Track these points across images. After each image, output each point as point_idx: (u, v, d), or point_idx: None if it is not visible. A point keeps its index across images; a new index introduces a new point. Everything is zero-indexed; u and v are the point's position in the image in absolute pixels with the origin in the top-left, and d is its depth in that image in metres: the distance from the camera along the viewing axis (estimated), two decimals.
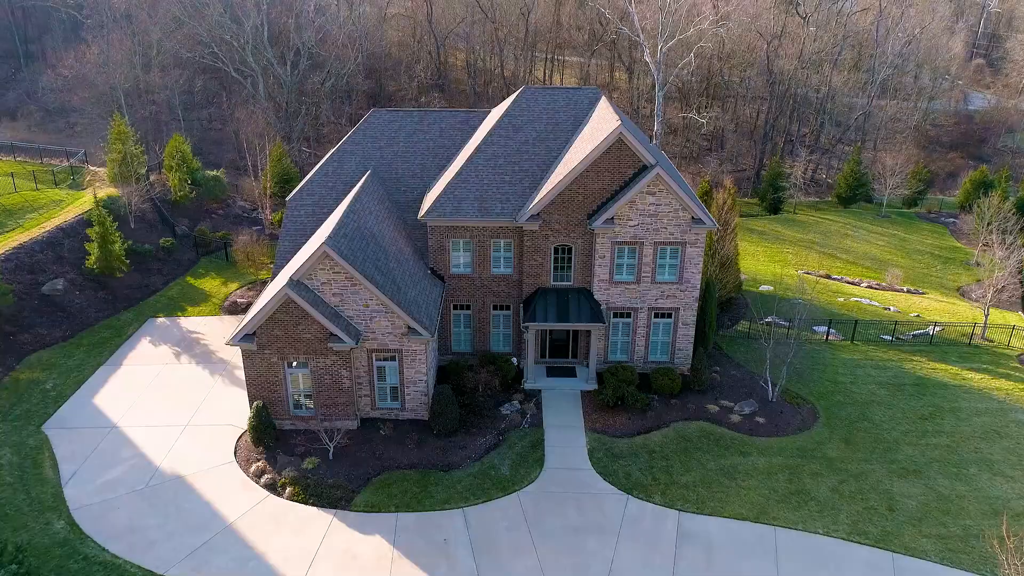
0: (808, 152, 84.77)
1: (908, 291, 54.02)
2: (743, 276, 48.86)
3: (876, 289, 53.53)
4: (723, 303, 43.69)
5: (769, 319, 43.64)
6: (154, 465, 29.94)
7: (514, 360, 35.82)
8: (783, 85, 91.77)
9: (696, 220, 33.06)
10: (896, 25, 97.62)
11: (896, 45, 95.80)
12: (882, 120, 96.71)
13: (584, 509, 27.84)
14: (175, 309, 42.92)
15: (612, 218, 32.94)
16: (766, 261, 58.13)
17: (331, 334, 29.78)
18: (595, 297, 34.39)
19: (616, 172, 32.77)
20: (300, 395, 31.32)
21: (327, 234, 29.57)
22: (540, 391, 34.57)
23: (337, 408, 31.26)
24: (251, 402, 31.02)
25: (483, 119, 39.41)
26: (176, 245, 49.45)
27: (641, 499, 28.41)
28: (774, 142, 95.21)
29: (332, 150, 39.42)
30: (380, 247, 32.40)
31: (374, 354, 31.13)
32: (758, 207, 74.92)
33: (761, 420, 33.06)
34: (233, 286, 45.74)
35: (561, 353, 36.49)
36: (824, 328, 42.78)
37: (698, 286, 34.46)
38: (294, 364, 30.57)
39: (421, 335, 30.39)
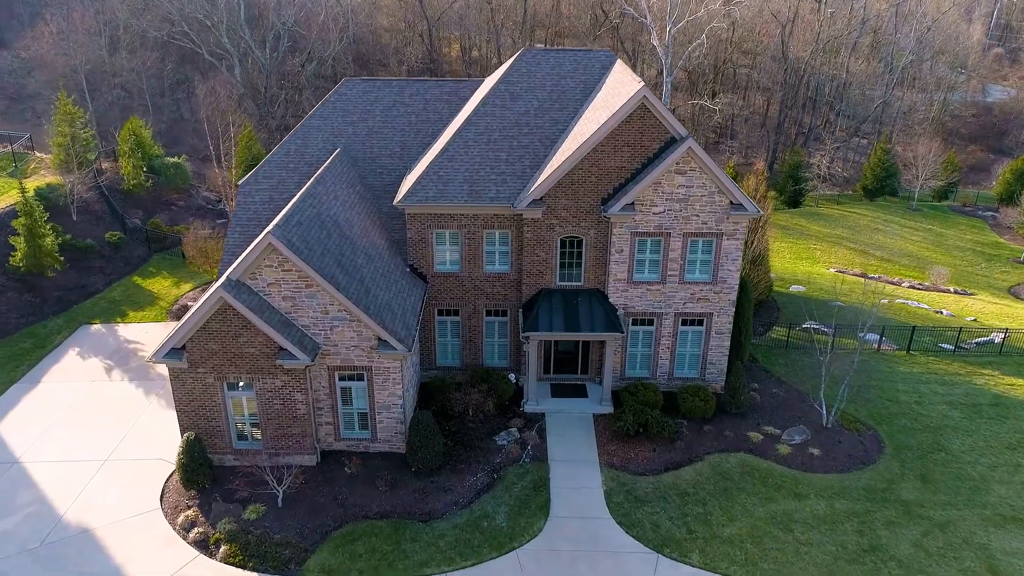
0: (830, 142, 78.63)
1: (955, 292, 47.96)
2: (771, 275, 42.80)
3: (920, 290, 47.46)
4: (755, 306, 37.49)
5: (808, 325, 37.52)
6: (57, 514, 23.69)
7: (512, 377, 29.62)
8: (798, 73, 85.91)
9: (735, 206, 26.89)
10: (916, 9, 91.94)
11: (913, 33, 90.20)
12: (899, 111, 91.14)
13: (602, 574, 21.66)
14: (114, 314, 36.63)
15: (632, 203, 26.76)
16: (792, 258, 52.05)
17: (280, 348, 23.57)
18: (610, 300, 28.20)
19: (637, 146, 26.59)
20: (245, 423, 25.11)
21: (276, 221, 23.38)
22: (543, 415, 28.36)
23: (291, 440, 25.05)
24: (182, 433, 24.81)
25: (476, 89, 33.21)
26: (125, 240, 43.16)
27: (675, 560, 22.22)
28: (787, 133, 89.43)
29: (297, 125, 33.24)
30: (346, 239, 26.19)
31: (336, 372, 24.92)
32: (776, 200, 68.83)
33: (815, 451, 26.89)
34: (186, 287, 39.48)
35: (568, 368, 30.29)
36: (874, 336, 36.62)
37: (736, 287, 28.30)
38: (240, 385, 24.34)
39: (395, 349, 24.17)
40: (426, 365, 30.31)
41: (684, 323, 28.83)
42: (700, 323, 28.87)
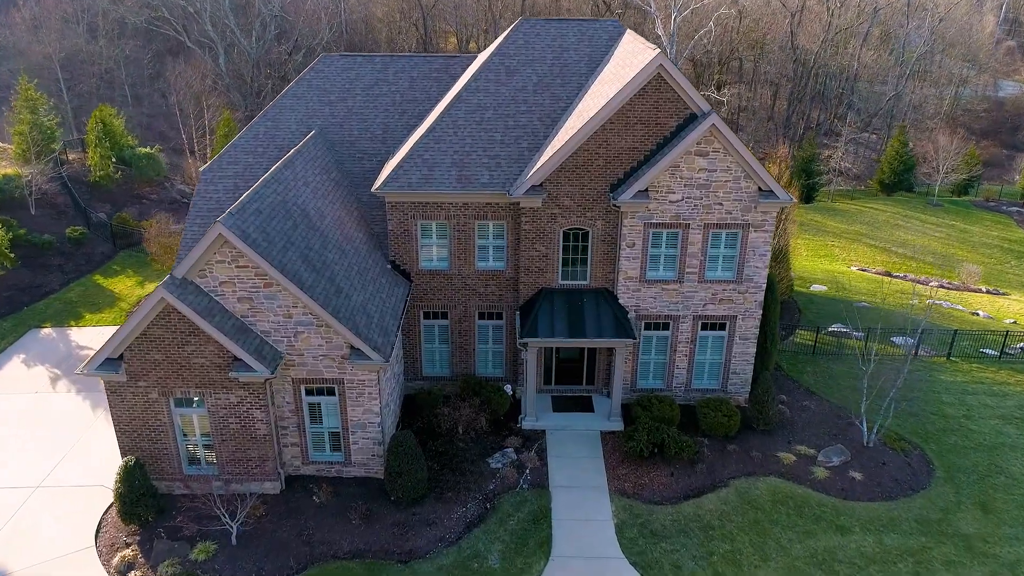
0: (846, 133, 75.21)
1: (988, 292, 44.50)
2: (791, 274, 39.34)
3: (949, 289, 43.97)
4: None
5: (836, 328, 34.02)
6: None
7: (507, 388, 26.10)
8: (807, 65, 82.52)
9: (764, 193, 23.38)
10: (927, 1, 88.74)
11: (928, 23, 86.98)
12: (910, 105, 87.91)
13: None
14: (68, 316, 33.08)
15: (646, 190, 23.25)
16: (810, 256, 48.56)
17: (235, 358, 20.04)
18: (620, 302, 24.69)
19: (652, 124, 23.06)
20: (197, 445, 21.57)
21: (230, 209, 19.84)
22: (544, 433, 24.83)
23: (250, 464, 21.51)
24: (123, 456, 21.29)
25: (468, 66, 29.68)
26: (88, 236, 39.64)
27: None
28: (795, 127, 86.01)
29: (267, 106, 29.73)
30: (316, 232, 22.66)
31: (303, 386, 21.39)
32: None
33: (857, 475, 23.36)
34: (151, 287, 35.90)
35: (572, 378, 26.76)
36: (907, 340, 33.08)
37: (763, 286, 24.79)
38: (195, 401, 20.81)
39: (370, 359, 20.63)
40: (411, 375, 26.77)
41: (704, 327, 25.31)
42: (722, 327, 25.35)
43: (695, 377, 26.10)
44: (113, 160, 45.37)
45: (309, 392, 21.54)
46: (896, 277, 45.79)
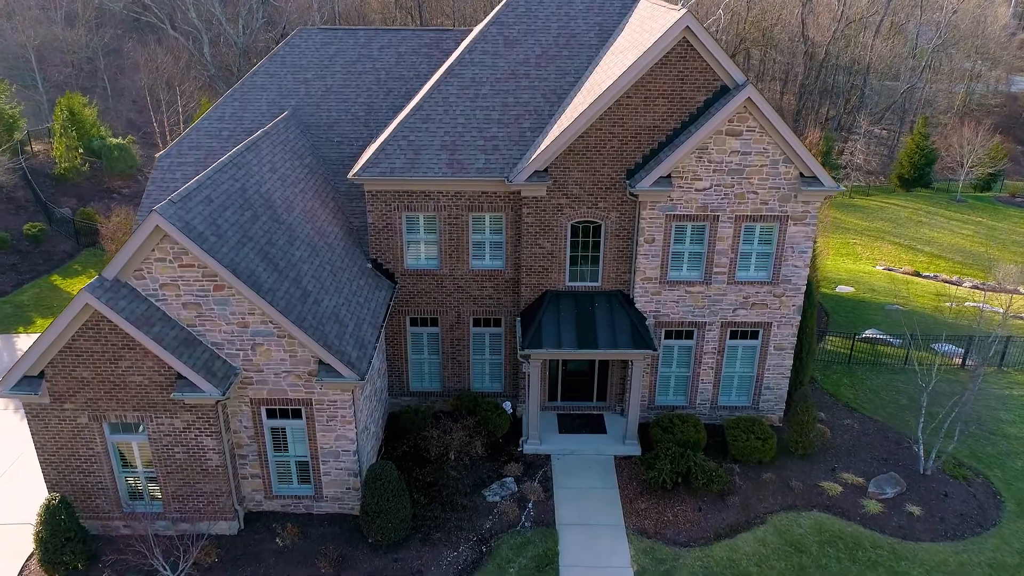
0: (866, 125, 71.87)
1: None
2: (816, 274, 36.02)
3: (984, 290, 40.59)
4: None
5: (871, 334, 30.69)
6: None
7: (506, 406, 22.71)
8: (817, 58, 79.29)
9: (807, 179, 20.01)
10: None
11: (944, 15, 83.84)
12: (923, 100, 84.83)
13: None
14: (17, 322, 29.67)
15: (668, 176, 19.88)
16: (832, 254, 45.09)
17: (179, 376, 16.66)
18: (637, 306, 21.32)
19: (676, 98, 19.68)
20: (139, 478, 18.19)
21: (172, 196, 16.46)
22: (549, 458, 21.45)
23: (202, 500, 18.12)
24: (50, 491, 17.91)
25: (463, 40, 26.33)
26: (48, 233, 36.29)
27: None
28: (804, 121, 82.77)
29: (235, 85, 26.38)
30: (281, 225, 19.28)
31: (263, 407, 18.00)
32: None
33: (915, 510, 19.97)
34: None
35: (581, 393, 23.38)
36: (948, 348, 29.78)
37: (802, 288, 21.42)
38: (134, 427, 17.42)
39: (342, 377, 17.23)
40: (396, 390, 23.38)
41: (734, 336, 21.94)
42: (754, 335, 21.98)
43: (722, 393, 22.74)
44: (80, 151, 41.98)
45: (271, 415, 18.15)
46: (926, 277, 42.51)
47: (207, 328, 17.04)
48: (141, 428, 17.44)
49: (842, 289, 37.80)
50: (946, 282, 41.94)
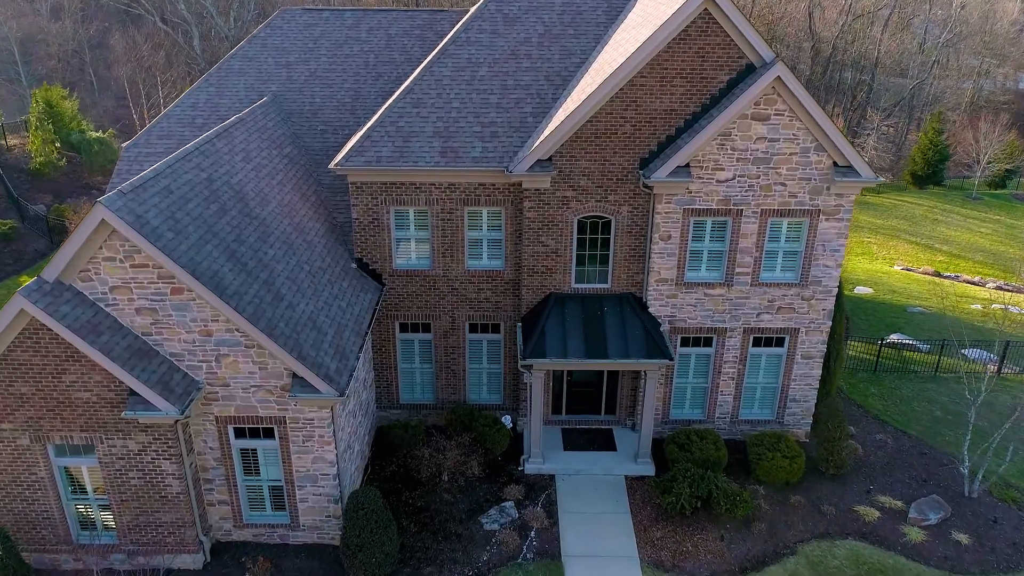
0: (879, 120, 69.85)
1: None
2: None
3: (1010, 291, 38.55)
4: None
5: (897, 338, 28.64)
6: None
7: (506, 420, 20.63)
8: (824, 53, 77.30)
9: (842, 169, 17.94)
10: None
11: (955, 9, 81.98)
12: (931, 96, 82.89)
13: None
14: None
15: (686, 165, 17.81)
16: (847, 253, 43.14)
17: (132, 392, 14.58)
18: (651, 311, 19.24)
19: (696, 77, 17.61)
20: (90, 506, 16.10)
21: (122, 186, 14.38)
22: (553, 479, 19.36)
23: (160, 531, 16.03)
24: None
25: (458, 22, 24.26)
26: (19, 231, 34.23)
27: None
28: None
29: (211, 70, 24.29)
30: (253, 221, 17.20)
31: (231, 426, 15.91)
32: None
33: (963, 538, 17.89)
34: None
35: (588, 406, 21.28)
36: (980, 354, 27.73)
37: (833, 291, 19.34)
38: (83, 449, 15.32)
39: (319, 392, 15.14)
40: (385, 403, 21.29)
41: (757, 343, 19.86)
42: (780, 343, 19.90)
43: (744, 406, 20.66)
44: (58, 145, 39.90)
45: (240, 434, 16.05)
46: (947, 278, 40.47)
47: (165, 337, 14.94)
48: (92, 450, 15.35)
49: (860, 290, 35.76)
50: (968, 282, 39.91)
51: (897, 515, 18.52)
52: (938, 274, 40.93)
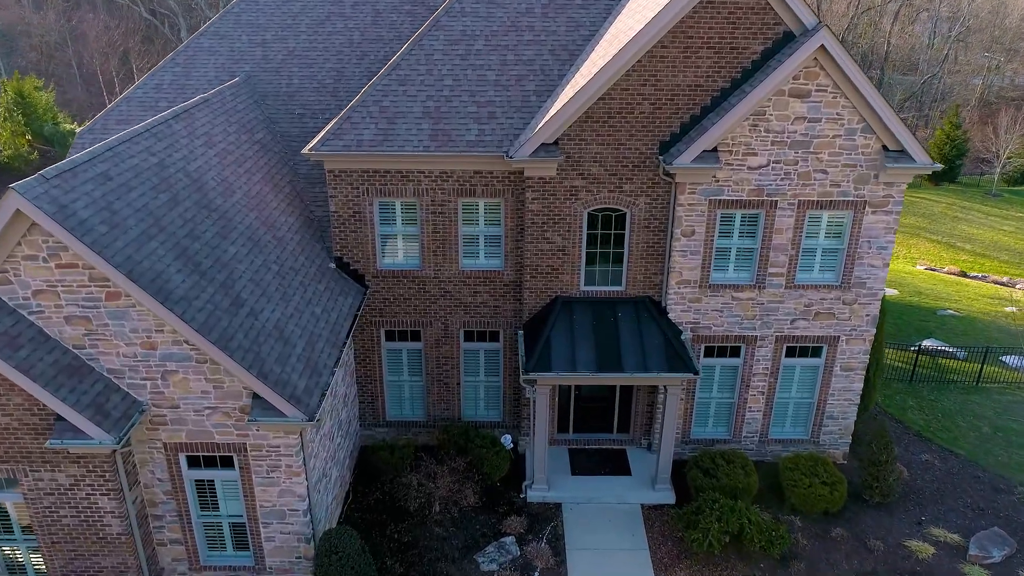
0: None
1: None
2: None
3: None
4: None
5: (930, 344, 26.32)
6: None
7: (506, 440, 18.25)
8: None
9: (893, 154, 15.60)
10: None
11: (956, 6, 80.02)
12: (940, 91, 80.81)
13: None
14: None
15: (714, 149, 15.45)
16: None
17: (59, 417, 12.21)
18: (671, 317, 16.88)
19: (726, 48, 15.24)
20: (17, 547, 13.74)
21: (45, 169, 12.01)
22: (559, 508, 16.99)
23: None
24: None
25: None
26: None
27: None
28: None
29: (177, 48, 21.93)
30: (213, 213, 14.82)
31: (183, 455, 13.54)
32: None
33: None
34: None
35: (598, 423, 18.91)
36: (1017, 359, 25.50)
37: (879, 294, 16.99)
38: (4, 483, 12.95)
39: (284, 416, 12.76)
40: (369, 420, 18.91)
41: (791, 353, 17.50)
42: (816, 353, 17.54)
43: (774, 423, 18.29)
44: (29, 138, 37.54)
45: (193, 463, 13.68)
46: (973, 278, 38.16)
47: (100, 351, 12.57)
48: (15, 484, 12.99)
49: (886, 292, 33.47)
50: (996, 283, 37.59)
51: (955, 551, 16.16)
52: (964, 274, 38.63)
